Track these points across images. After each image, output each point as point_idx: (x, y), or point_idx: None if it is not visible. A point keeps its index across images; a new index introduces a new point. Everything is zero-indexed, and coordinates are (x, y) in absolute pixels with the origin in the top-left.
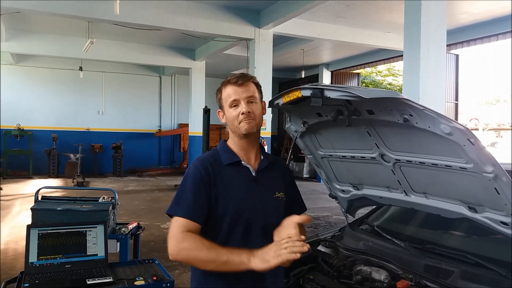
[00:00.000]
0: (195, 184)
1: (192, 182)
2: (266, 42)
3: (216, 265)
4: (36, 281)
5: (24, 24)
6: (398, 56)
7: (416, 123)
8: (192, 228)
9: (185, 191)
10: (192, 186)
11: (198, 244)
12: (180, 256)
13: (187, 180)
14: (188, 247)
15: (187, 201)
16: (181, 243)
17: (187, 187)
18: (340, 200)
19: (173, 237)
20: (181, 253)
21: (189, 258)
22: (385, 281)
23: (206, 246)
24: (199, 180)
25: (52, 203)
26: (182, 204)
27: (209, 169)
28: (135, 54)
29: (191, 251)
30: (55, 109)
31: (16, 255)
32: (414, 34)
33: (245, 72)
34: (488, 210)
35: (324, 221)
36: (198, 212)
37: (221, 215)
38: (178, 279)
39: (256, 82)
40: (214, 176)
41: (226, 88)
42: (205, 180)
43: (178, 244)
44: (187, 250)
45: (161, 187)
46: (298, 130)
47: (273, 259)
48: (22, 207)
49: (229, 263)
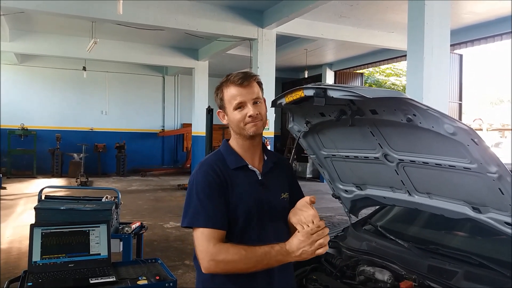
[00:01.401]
0: (212, 189)
1: (208, 188)
2: (269, 42)
3: (256, 269)
4: (39, 280)
5: (28, 24)
6: (401, 56)
7: (419, 123)
8: (219, 236)
9: (202, 199)
10: (209, 192)
11: (235, 255)
12: (218, 269)
13: (200, 187)
14: (226, 260)
15: (208, 209)
16: (217, 257)
17: (203, 194)
18: (343, 200)
19: (206, 252)
20: (219, 266)
21: (227, 270)
22: (388, 281)
23: (243, 256)
24: (214, 185)
25: (56, 203)
26: (203, 213)
27: (220, 174)
28: (138, 54)
29: (229, 264)
30: (59, 109)
31: (20, 254)
32: (418, 34)
33: (244, 71)
34: (492, 211)
35: (327, 221)
36: (221, 219)
37: (233, 219)
38: (181, 279)
39: (259, 80)
40: (225, 180)
41: (228, 88)
42: (219, 185)
43: (214, 258)
44: (224, 263)
45: (164, 187)
46: (301, 130)
47: (310, 249)
48: (26, 206)
49: (269, 264)
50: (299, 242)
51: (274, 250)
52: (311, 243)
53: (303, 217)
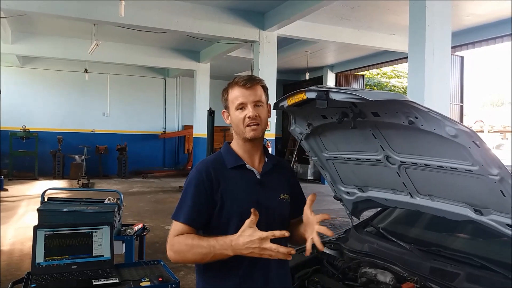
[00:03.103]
0: (196, 189)
1: (194, 187)
2: (270, 44)
3: (206, 260)
4: (42, 282)
5: (30, 26)
6: (402, 58)
7: (421, 125)
8: (187, 231)
9: (186, 196)
10: (193, 191)
11: (184, 246)
12: (176, 258)
13: (189, 185)
14: (178, 250)
15: (187, 206)
16: (173, 247)
17: (188, 192)
18: (345, 202)
19: (168, 243)
20: (175, 256)
21: (183, 259)
22: (390, 283)
23: (189, 246)
24: (200, 185)
25: (58, 205)
26: (183, 209)
27: (212, 174)
28: (140, 56)
29: (180, 254)
30: (61, 111)
31: (22, 256)
32: (419, 36)
33: (251, 74)
34: (493, 213)
35: (329, 223)
36: (196, 217)
37: (227, 218)
38: (183, 280)
39: (264, 85)
40: (217, 180)
41: (233, 89)
42: (206, 185)
43: (171, 248)
44: (177, 253)
45: (165, 189)
46: (303, 132)
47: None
48: (28, 208)
49: (216, 257)
50: (248, 242)
51: (219, 244)
52: (261, 249)
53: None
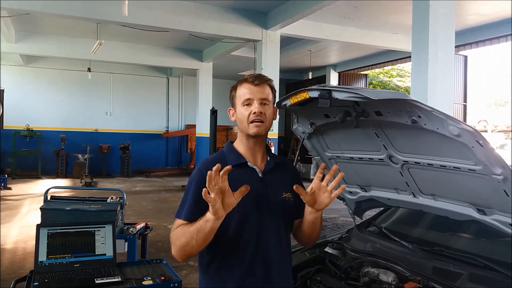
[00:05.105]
0: (197, 187)
1: (195, 185)
2: (273, 43)
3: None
4: (45, 280)
5: (33, 25)
6: (406, 58)
7: (424, 124)
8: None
9: (188, 195)
10: (194, 189)
11: (179, 231)
12: (176, 250)
13: (191, 183)
14: (174, 236)
15: (189, 204)
16: (173, 237)
17: (190, 191)
18: (347, 201)
19: (171, 237)
20: (175, 248)
21: (180, 246)
22: (392, 283)
23: (183, 231)
24: (201, 183)
25: (61, 203)
26: (185, 207)
27: None
28: (143, 55)
29: (178, 240)
30: (64, 110)
31: (25, 254)
32: (422, 35)
33: (260, 73)
34: (497, 213)
35: (331, 222)
36: (196, 215)
37: (228, 216)
38: (185, 279)
39: (272, 85)
40: None
41: (241, 86)
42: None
43: (173, 241)
44: (174, 241)
45: (168, 188)
46: (306, 131)
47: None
48: (31, 206)
49: (200, 231)
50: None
51: (201, 220)
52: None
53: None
